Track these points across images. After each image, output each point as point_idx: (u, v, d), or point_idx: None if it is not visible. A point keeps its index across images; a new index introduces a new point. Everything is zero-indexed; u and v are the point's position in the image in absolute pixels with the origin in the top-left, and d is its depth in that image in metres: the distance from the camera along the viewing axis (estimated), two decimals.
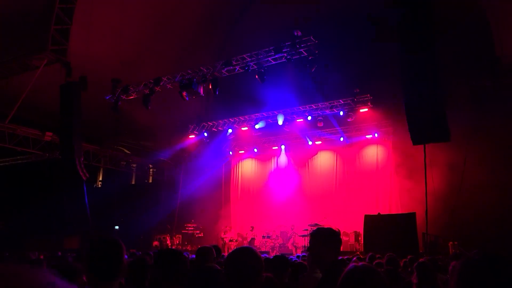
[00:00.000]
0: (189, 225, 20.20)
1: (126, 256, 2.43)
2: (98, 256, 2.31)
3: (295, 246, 17.29)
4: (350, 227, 17.02)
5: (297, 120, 18.15)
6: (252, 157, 21.79)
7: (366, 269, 1.99)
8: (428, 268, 4.24)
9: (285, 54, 13.57)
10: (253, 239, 17.81)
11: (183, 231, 20.14)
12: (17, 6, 14.54)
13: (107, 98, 16.71)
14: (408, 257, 7.49)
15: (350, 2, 17.51)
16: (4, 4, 14.48)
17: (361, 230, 15.69)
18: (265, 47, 14.09)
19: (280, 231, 18.23)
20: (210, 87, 14.94)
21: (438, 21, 11.06)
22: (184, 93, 15.21)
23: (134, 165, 24.56)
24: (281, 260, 4.22)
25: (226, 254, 12.92)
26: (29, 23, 14.90)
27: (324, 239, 2.99)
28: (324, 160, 20.00)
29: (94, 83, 15.54)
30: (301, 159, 20.43)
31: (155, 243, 19.02)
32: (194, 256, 4.62)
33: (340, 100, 16.93)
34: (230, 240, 18.32)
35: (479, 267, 1.40)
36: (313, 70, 13.26)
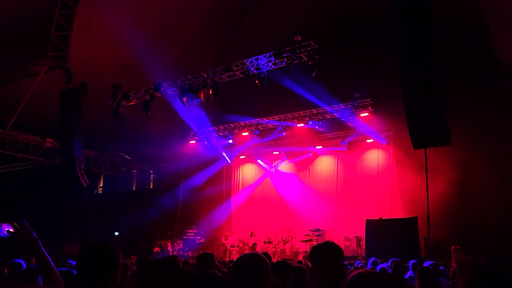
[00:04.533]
0: (190, 231, 20.14)
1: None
2: (87, 263, 2.23)
3: (295, 252, 17.21)
4: (351, 232, 16.97)
5: (298, 125, 18.15)
6: (252, 162, 21.77)
7: (374, 276, 1.97)
8: (431, 273, 4.21)
9: (285, 59, 13.58)
10: (255, 244, 17.72)
11: (184, 237, 20.06)
12: (18, 13, 14.59)
13: (108, 104, 16.72)
14: (411, 261, 7.45)
15: (350, 6, 17.55)
16: (5, 11, 14.52)
17: (362, 235, 15.65)
18: (265, 52, 14.11)
19: (281, 236, 18.18)
20: (211, 92, 14.95)
21: (438, 24, 11.06)
22: (185, 99, 15.22)
23: (135, 171, 24.55)
24: (284, 266, 4.20)
25: (227, 260, 12.91)
26: (30, 29, 14.95)
27: (323, 255, 2.86)
28: (325, 164, 19.96)
29: (94, 89, 15.56)
30: (302, 163, 20.40)
31: (156, 249, 18.96)
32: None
33: (341, 105, 16.93)
34: (232, 246, 18.27)
35: (488, 274, 1.38)
36: (313, 75, 13.26)
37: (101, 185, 25.66)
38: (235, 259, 2.80)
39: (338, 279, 2.73)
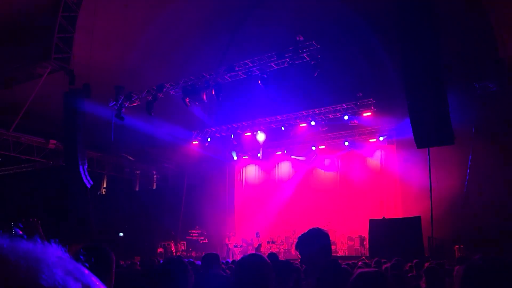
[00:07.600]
0: (194, 231, 20.17)
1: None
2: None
3: None
4: (355, 231, 16.94)
5: (300, 125, 18.13)
6: (255, 163, 21.76)
7: (375, 275, 1.98)
8: (437, 273, 4.21)
9: (288, 59, 13.57)
10: (260, 245, 17.72)
11: (187, 238, 20.10)
12: (21, 15, 14.64)
13: (111, 105, 16.75)
14: (414, 261, 7.44)
15: (352, 6, 17.52)
16: (8, 13, 14.58)
17: (366, 234, 15.62)
18: (268, 52, 14.10)
19: (284, 236, 18.17)
20: (213, 93, 14.96)
21: (441, 23, 11.04)
22: (187, 99, 15.25)
23: (138, 172, 24.59)
24: (286, 266, 4.21)
25: (230, 260, 12.90)
26: (33, 31, 15.00)
27: (309, 243, 2.88)
28: (328, 164, 19.94)
29: (97, 90, 15.59)
30: (305, 163, 20.39)
31: (160, 249, 18.99)
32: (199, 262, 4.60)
33: (343, 104, 16.90)
34: (235, 246, 18.28)
35: (482, 272, 1.39)
36: (315, 75, 13.25)
37: (104, 186, 25.71)
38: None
39: (328, 263, 2.73)
